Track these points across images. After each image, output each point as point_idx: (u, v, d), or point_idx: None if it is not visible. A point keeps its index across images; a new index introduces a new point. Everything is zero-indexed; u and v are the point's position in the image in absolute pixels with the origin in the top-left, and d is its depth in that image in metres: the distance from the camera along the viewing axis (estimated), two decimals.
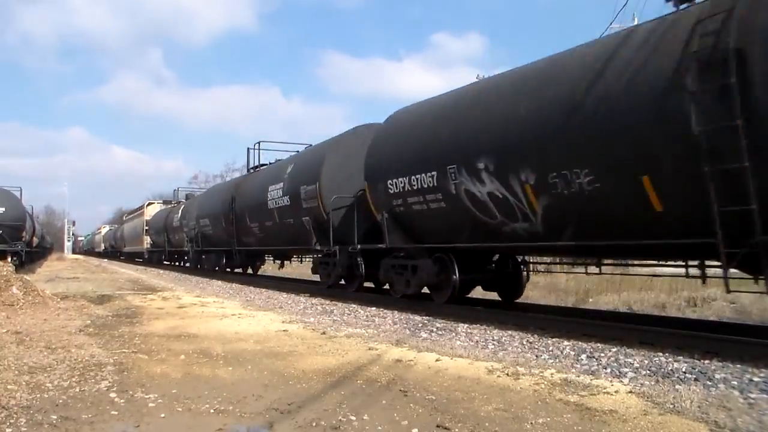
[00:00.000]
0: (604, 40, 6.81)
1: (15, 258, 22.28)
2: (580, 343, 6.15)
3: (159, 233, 30.96)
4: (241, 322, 8.04)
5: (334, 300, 11.16)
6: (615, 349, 5.71)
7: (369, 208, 10.47)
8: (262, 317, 8.70)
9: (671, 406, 3.76)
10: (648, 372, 4.82)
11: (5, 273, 10.11)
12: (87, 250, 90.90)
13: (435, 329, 7.38)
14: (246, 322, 8.04)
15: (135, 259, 43.76)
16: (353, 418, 3.61)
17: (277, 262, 20.04)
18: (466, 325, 7.51)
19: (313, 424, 3.50)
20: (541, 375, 4.70)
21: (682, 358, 5.25)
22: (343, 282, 12.37)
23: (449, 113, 8.62)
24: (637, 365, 5.04)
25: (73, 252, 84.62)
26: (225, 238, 18.58)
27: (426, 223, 9.10)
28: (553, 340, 6.37)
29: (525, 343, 6.31)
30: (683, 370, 4.81)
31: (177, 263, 31.72)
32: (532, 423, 3.51)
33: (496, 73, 9.27)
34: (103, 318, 8.39)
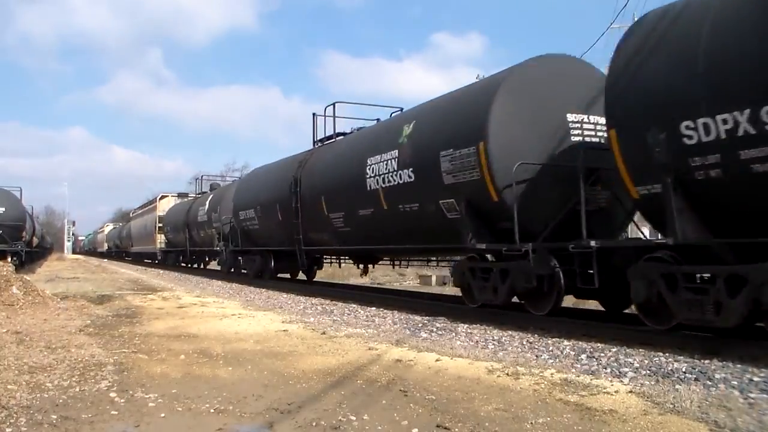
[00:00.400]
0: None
1: (15, 258, 22.27)
2: (580, 343, 6.15)
3: (177, 230, 26.20)
4: (241, 322, 8.04)
5: (334, 300, 11.17)
6: (615, 349, 5.71)
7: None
8: (262, 317, 8.70)
9: (671, 406, 3.76)
10: (648, 372, 4.82)
11: (5, 273, 10.11)
12: (88, 250, 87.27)
13: (435, 329, 7.39)
14: (246, 322, 8.04)
15: (144, 260, 38.59)
16: (353, 418, 3.61)
17: (346, 265, 15.92)
18: (466, 325, 7.52)
19: (313, 424, 3.50)
20: (541, 375, 4.71)
21: (682, 358, 5.25)
22: (521, 301, 7.96)
23: None
24: (637, 365, 5.04)
25: (74, 252, 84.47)
26: (281, 234, 14.35)
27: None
28: (553, 340, 6.38)
29: (525, 343, 6.31)
30: (683, 370, 4.81)
31: (198, 265, 27.46)
32: (532, 423, 3.51)
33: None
34: (103, 318, 8.39)
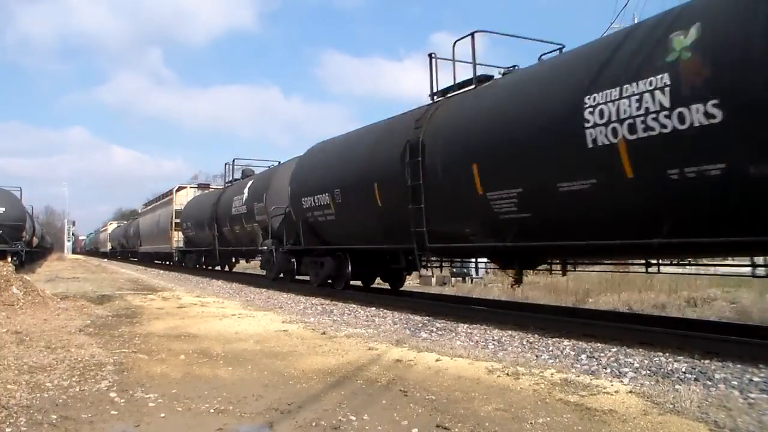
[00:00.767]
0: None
1: (15, 258, 22.24)
2: (580, 343, 6.15)
3: (200, 226, 21.70)
4: (241, 322, 8.03)
5: (334, 300, 11.16)
6: (615, 349, 5.71)
7: None
8: (262, 317, 8.70)
9: (671, 406, 3.76)
10: (648, 372, 4.83)
11: (5, 273, 10.10)
12: (89, 250, 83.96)
13: (435, 329, 7.39)
14: (246, 322, 8.04)
15: (154, 261, 33.87)
16: (353, 418, 3.61)
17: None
18: (466, 325, 7.51)
19: (313, 424, 3.50)
20: (541, 375, 4.71)
21: (682, 358, 5.25)
22: None
23: None
24: (637, 365, 5.04)
25: (74, 252, 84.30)
26: (377, 226, 10.13)
27: None
28: (553, 340, 6.37)
29: (525, 343, 6.31)
30: (683, 370, 4.81)
31: (223, 267, 23.01)
32: (532, 423, 3.51)
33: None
34: (103, 318, 8.39)
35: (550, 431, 3.40)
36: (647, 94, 5.55)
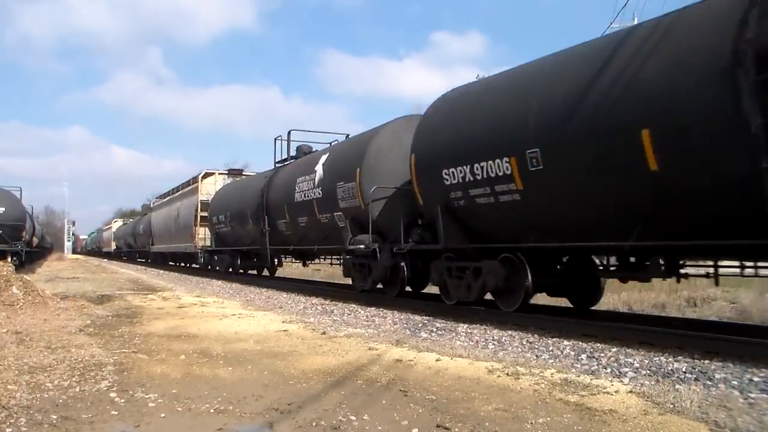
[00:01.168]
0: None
1: (15, 258, 22.27)
2: (580, 343, 6.15)
3: (241, 219, 16.85)
4: (241, 322, 8.04)
5: (334, 300, 11.17)
6: (615, 349, 5.71)
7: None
8: (262, 317, 8.70)
9: (671, 406, 3.76)
10: (648, 372, 4.83)
11: (5, 273, 10.10)
12: (91, 250, 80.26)
13: (435, 329, 7.39)
14: (246, 322, 8.04)
15: (168, 262, 29.20)
16: (353, 418, 3.61)
17: None
18: (466, 325, 7.52)
19: (313, 424, 3.50)
20: (541, 375, 4.71)
21: (682, 358, 5.25)
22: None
23: None
24: (637, 365, 5.05)
25: (75, 252, 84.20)
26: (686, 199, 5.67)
27: None
28: (553, 340, 6.38)
29: (525, 343, 6.31)
30: (683, 370, 4.81)
31: (261, 272, 19.14)
32: (532, 423, 3.51)
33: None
34: (103, 318, 8.39)
35: (550, 431, 3.40)
36: None
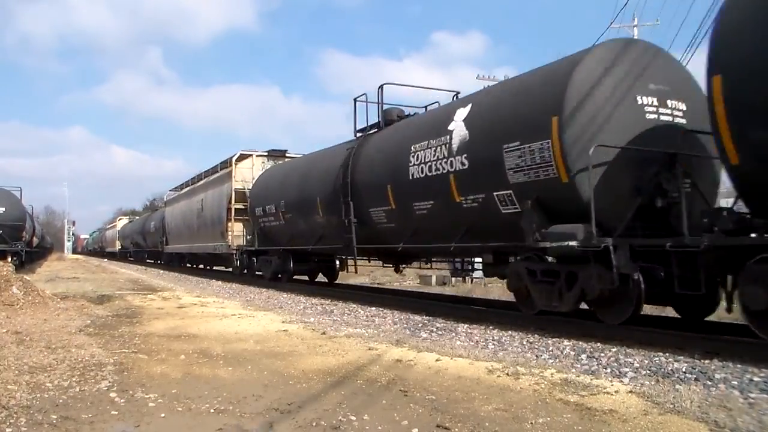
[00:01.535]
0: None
1: (15, 258, 22.27)
2: (580, 343, 6.15)
3: (303, 209, 12.82)
4: (241, 322, 8.04)
5: (334, 300, 11.17)
6: (615, 349, 5.71)
7: None
8: (262, 317, 8.70)
9: (671, 406, 3.76)
10: (648, 372, 4.82)
11: (5, 273, 10.11)
12: (93, 250, 75.02)
13: (435, 329, 7.39)
14: (246, 322, 8.04)
15: (186, 264, 25.46)
16: (353, 418, 3.61)
17: None
18: (466, 325, 7.52)
19: (313, 424, 3.50)
20: (541, 375, 4.71)
21: (682, 358, 5.25)
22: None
23: None
24: (637, 365, 5.04)
25: (75, 252, 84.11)
26: None
27: None
28: (553, 340, 6.38)
29: (525, 343, 6.31)
30: (683, 370, 4.81)
31: (313, 278, 15.36)
32: (532, 423, 3.51)
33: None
34: (103, 318, 8.39)
35: (550, 431, 3.40)
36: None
